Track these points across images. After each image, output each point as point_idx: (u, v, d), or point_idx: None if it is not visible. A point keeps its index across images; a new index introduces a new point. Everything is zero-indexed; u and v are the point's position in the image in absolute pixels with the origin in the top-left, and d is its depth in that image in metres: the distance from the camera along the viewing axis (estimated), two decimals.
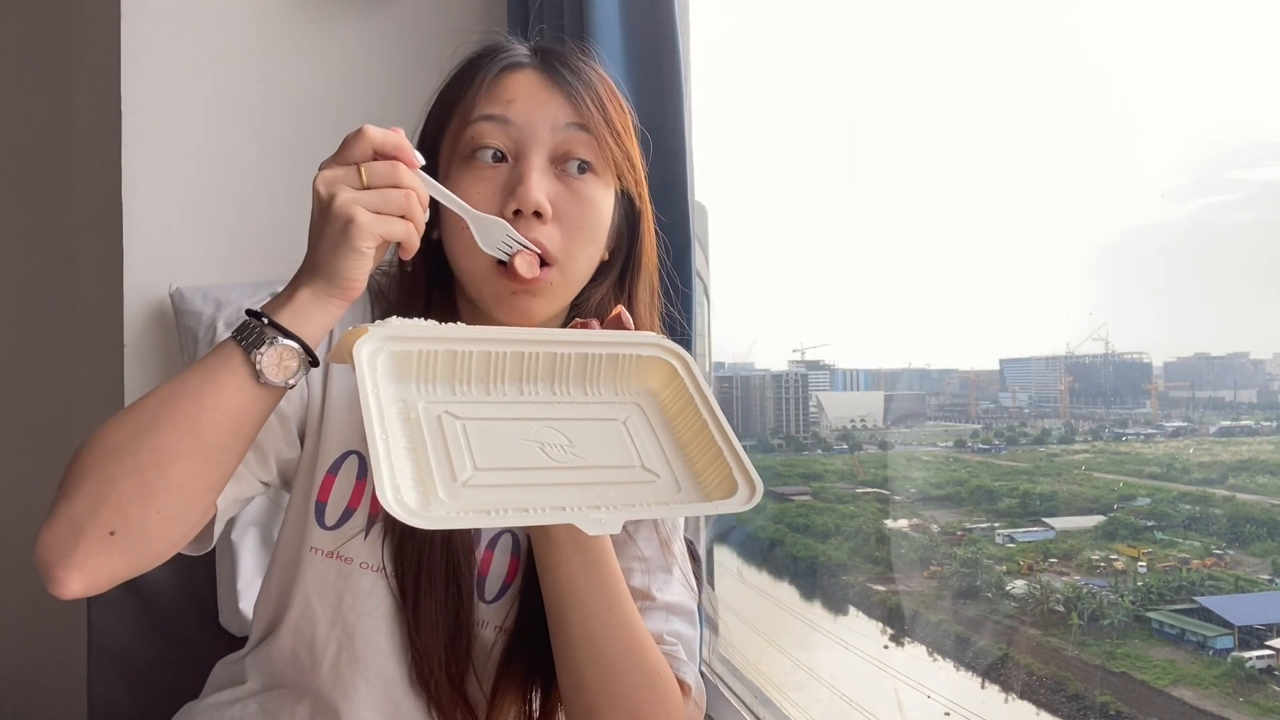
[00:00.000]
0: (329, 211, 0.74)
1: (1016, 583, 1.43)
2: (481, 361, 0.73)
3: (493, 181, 0.89)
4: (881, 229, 1.66)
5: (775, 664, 1.74)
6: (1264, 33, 1.08)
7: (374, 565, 0.92)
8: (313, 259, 0.76)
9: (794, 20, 1.77)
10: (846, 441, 1.86)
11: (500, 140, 0.90)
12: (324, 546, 0.92)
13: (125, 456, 0.72)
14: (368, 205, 0.74)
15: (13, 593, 2.15)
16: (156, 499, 0.73)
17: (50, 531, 0.72)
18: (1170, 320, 1.29)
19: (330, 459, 0.93)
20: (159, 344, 1.74)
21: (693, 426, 0.77)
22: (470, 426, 0.69)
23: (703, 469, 0.74)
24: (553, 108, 0.91)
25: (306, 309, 0.75)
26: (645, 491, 0.72)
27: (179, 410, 0.74)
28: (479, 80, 0.92)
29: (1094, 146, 1.32)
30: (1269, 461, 1.20)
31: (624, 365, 0.79)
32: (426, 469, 0.64)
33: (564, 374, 0.77)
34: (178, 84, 1.75)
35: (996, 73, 1.43)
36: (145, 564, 0.76)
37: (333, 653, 0.94)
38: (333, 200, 0.74)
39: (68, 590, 0.71)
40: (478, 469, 0.66)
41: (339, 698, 0.94)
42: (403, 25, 1.86)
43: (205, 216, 1.75)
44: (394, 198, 0.75)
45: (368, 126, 0.76)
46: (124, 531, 0.72)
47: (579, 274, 0.94)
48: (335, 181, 0.75)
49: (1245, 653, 1.14)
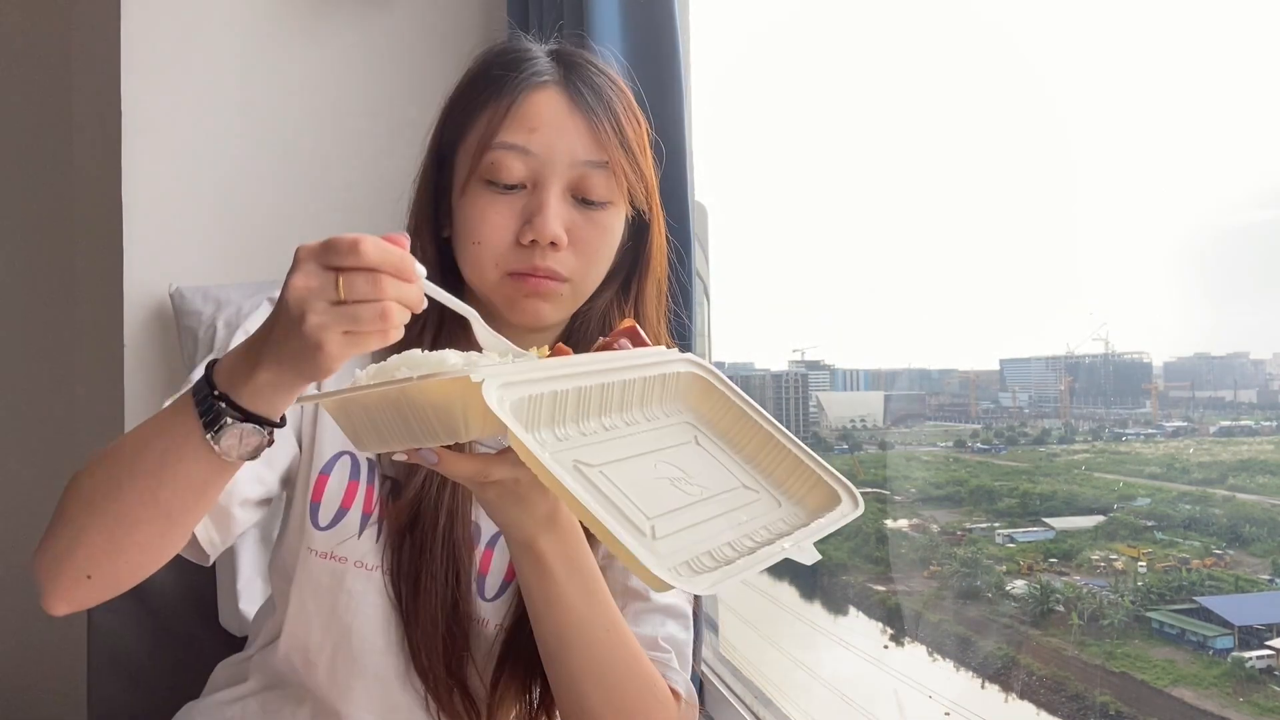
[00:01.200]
0: (298, 330, 0.64)
1: (1016, 583, 1.43)
2: (575, 399, 0.69)
3: (510, 209, 0.90)
4: (882, 229, 1.66)
5: (775, 664, 1.74)
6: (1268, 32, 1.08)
7: (369, 564, 0.92)
8: (277, 351, 0.67)
9: (794, 19, 1.77)
10: (846, 441, 1.86)
11: (520, 171, 0.90)
12: (318, 547, 0.93)
13: (95, 513, 0.74)
14: (340, 326, 0.64)
15: (13, 593, 2.15)
16: (125, 555, 0.76)
17: (40, 558, 0.76)
18: (1170, 320, 1.29)
19: (323, 460, 0.93)
20: (159, 344, 1.74)
21: (754, 439, 0.77)
22: (608, 472, 0.66)
23: (782, 479, 0.75)
24: (573, 137, 0.91)
25: (268, 392, 0.69)
26: (761, 511, 0.71)
27: (140, 480, 0.73)
28: (503, 101, 0.91)
29: (1094, 147, 1.32)
30: (1269, 461, 1.20)
31: (668, 384, 0.78)
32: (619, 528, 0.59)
33: (628, 401, 0.74)
34: (178, 84, 1.75)
35: (996, 73, 1.43)
36: (121, 591, 0.79)
37: (328, 654, 0.94)
38: (303, 319, 0.64)
39: (55, 611, 0.76)
40: (649, 518, 0.63)
41: (337, 698, 0.94)
42: (403, 25, 1.86)
43: (205, 216, 1.75)
44: (369, 316, 0.64)
45: (365, 241, 0.64)
46: (97, 576, 0.75)
47: (588, 289, 0.96)
48: (308, 297, 0.64)
49: (1245, 653, 1.14)
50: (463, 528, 0.93)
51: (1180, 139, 1.22)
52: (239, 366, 0.70)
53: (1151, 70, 1.22)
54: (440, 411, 0.64)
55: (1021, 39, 1.40)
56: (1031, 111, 1.40)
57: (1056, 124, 1.36)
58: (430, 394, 0.64)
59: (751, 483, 0.74)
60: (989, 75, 1.44)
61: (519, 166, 0.90)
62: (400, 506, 0.92)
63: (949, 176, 1.54)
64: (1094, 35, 1.31)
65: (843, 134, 1.71)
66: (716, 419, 0.78)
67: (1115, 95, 1.29)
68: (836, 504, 0.72)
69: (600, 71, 0.97)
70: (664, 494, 0.67)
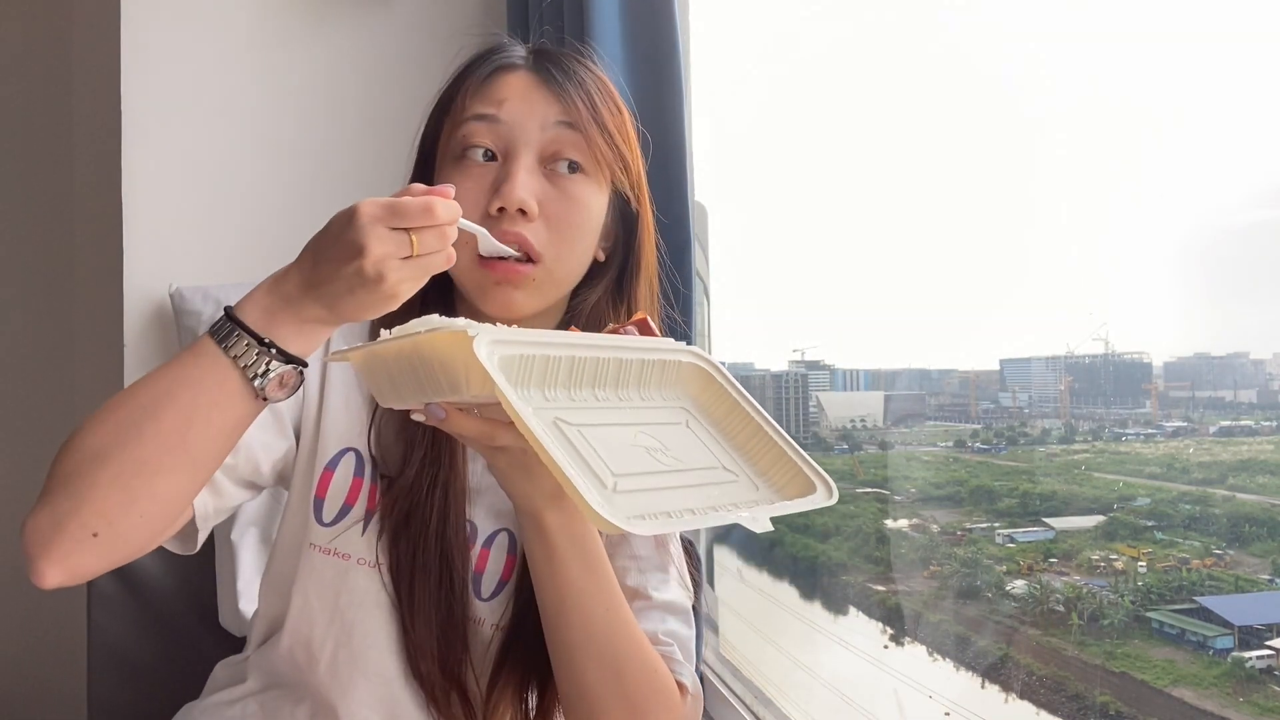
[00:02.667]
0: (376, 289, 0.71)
1: (1016, 583, 1.43)
2: (567, 367, 0.72)
3: (481, 180, 0.90)
4: (882, 228, 1.66)
5: (775, 664, 1.74)
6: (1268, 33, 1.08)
7: (371, 560, 0.92)
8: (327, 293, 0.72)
9: (794, 19, 1.77)
10: (846, 441, 1.86)
11: (489, 139, 0.91)
12: (322, 543, 0.93)
13: (110, 462, 0.72)
14: (416, 279, 0.72)
15: (13, 593, 2.15)
16: (139, 505, 0.74)
17: (34, 523, 0.73)
18: (1170, 320, 1.29)
19: (329, 455, 0.93)
20: (159, 344, 1.74)
21: (745, 429, 0.79)
22: (585, 432, 0.69)
23: (767, 468, 0.77)
24: (542, 106, 0.91)
25: (311, 332, 0.74)
26: (735, 491, 0.73)
27: (166, 423, 0.73)
28: (472, 81, 0.93)
29: (1094, 147, 1.32)
30: (1269, 461, 1.20)
31: (669, 371, 0.80)
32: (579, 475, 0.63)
33: (625, 379, 0.77)
34: (178, 84, 1.75)
35: (996, 73, 1.43)
36: (122, 560, 0.77)
37: (330, 650, 0.94)
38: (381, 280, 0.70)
39: (46, 581, 0.73)
40: (615, 474, 0.66)
41: (337, 696, 0.94)
42: (403, 25, 1.86)
43: (205, 216, 1.75)
44: (438, 263, 0.73)
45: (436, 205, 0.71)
46: (106, 534, 0.73)
47: (566, 272, 0.94)
48: (385, 259, 0.70)
49: (1245, 653, 1.14)
50: (455, 527, 0.93)
51: (1180, 139, 1.22)
52: (279, 311, 0.74)
53: (1151, 70, 1.22)
54: (444, 365, 0.67)
55: (1021, 39, 1.40)
56: (1031, 111, 1.40)
57: (1056, 124, 1.36)
58: (437, 347, 0.67)
59: (733, 466, 0.76)
60: (989, 75, 1.44)
61: (488, 135, 0.91)
62: (390, 503, 0.91)
63: (949, 176, 1.54)
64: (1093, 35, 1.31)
65: (843, 134, 1.71)
66: (711, 408, 0.81)
67: (1115, 95, 1.29)
68: (811, 493, 0.75)
69: (576, 59, 0.97)
70: (637, 458, 0.70)
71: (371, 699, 0.94)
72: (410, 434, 0.93)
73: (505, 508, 0.98)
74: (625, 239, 1.00)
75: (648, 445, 0.72)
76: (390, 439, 0.95)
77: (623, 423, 0.74)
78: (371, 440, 0.94)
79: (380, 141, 1.77)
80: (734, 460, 0.77)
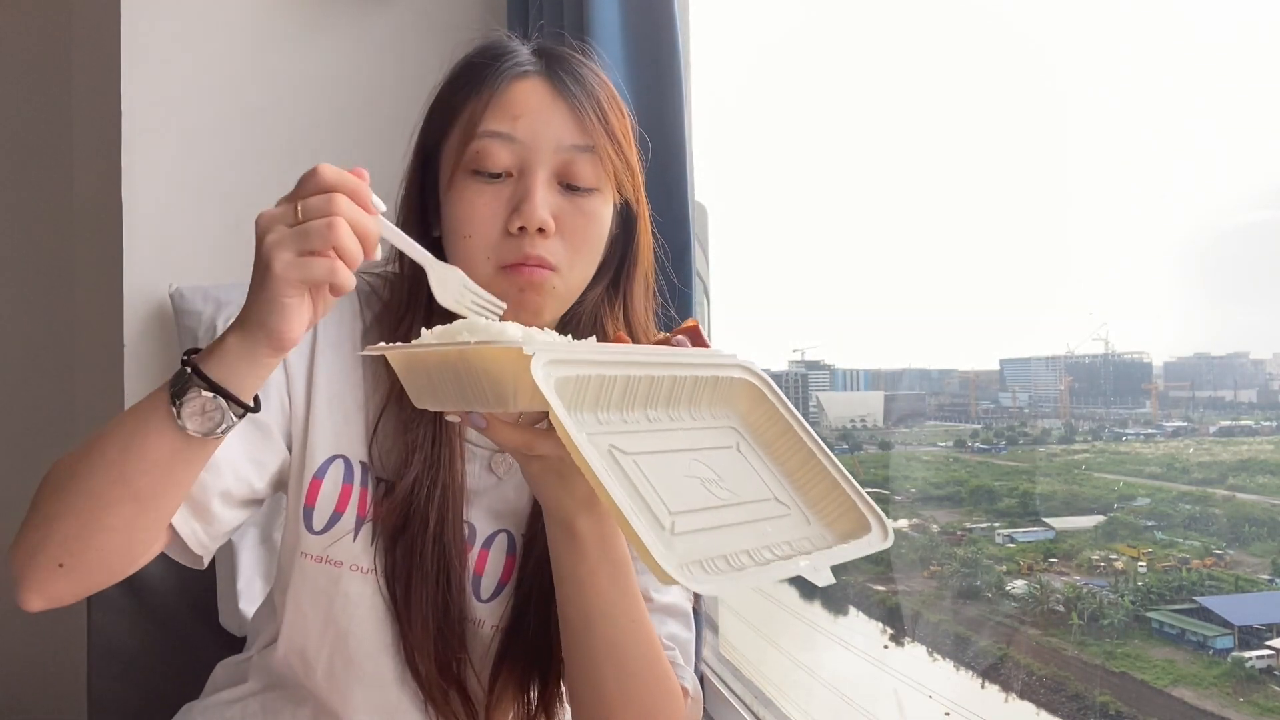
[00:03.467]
0: (258, 255, 0.69)
1: (1016, 583, 1.43)
2: (622, 387, 0.70)
3: (497, 198, 0.89)
4: (882, 228, 1.66)
5: (775, 664, 1.74)
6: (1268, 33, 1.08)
7: (364, 567, 0.92)
8: (245, 306, 0.72)
9: (793, 19, 1.77)
10: (847, 441, 1.86)
11: (506, 159, 0.89)
12: (313, 551, 0.92)
13: (67, 495, 0.74)
14: (291, 246, 0.68)
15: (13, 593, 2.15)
16: (95, 539, 0.75)
17: (14, 553, 0.76)
18: (1170, 320, 1.29)
19: (316, 464, 0.92)
20: (159, 344, 1.74)
21: (797, 455, 0.77)
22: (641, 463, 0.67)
23: (816, 499, 0.75)
24: (558, 124, 0.90)
25: (232, 360, 0.72)
26: (788, 527, 0.71)
27: (108, 456, 0.73)
28: (485, 92, 0.91)
29: (1095, 147, 1.32)
30: (1269, 461, 1.20)
31: (720, 388, 0.78)
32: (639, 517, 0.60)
33: (678, 398, 0.75)
34: (178, 84, 1.75)
35: (996, 72, 1.43)
36: (97, 586, 0.79)
37: (326, 658, 0.94)
38: (261, 242, 0.69)
39: (30, 607, 0.76)
40: (671, 513, 0.64)
41: (338, 702, 0.94)
42: (403, 24, 1.86)
43: (205, 216, 1.75)
44: (317, 230, 0.68)
45: (322, 165, 0.69)
46: (69, 564, 0.75)
47: (578, 281, 0.94)
48: (270, 221, 0.69)
49: (1245, 652, 1.14)
50: (454, 529, 0.92)
51: (1180, 139, 1.22)
52: (212, 345, 0.74)
53: (1151, 70, 1.22)
54: (493, 379, 0.65)
55: (1021, 38, 1.40)
56: (1031, 111, 1.40)
57: (1056, 124, 1.36)
58: (486, 360, 0.65)
59: (785, 497, 0.74)
60: (989, 75, 1.44)
61: (504, 154, 0.89)
62: (390, 508, 0.91)
63: (948, 176, 1.54)
64: (1093, 35, 1.31)
65: (843, 134, 1.71)
66: (763, 429, 0.78)
67: (1114, 95, 1.29)
68: (866, 532, 0.72)
69: (582, 62, 0.96)
70: (692, 492, 0.67)
71: (370, 704, 0.94)
72: (411, 437, 0.92)
73: (504, 509, 0.98)
74: (624, 238, 1.00)
75: (703, 476, 0.70)
76: (389, 443, 0.94)
77: (676, 448, 0.71)
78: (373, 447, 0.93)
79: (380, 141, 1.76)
80: (785, 490, 0.74)
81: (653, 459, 0.67)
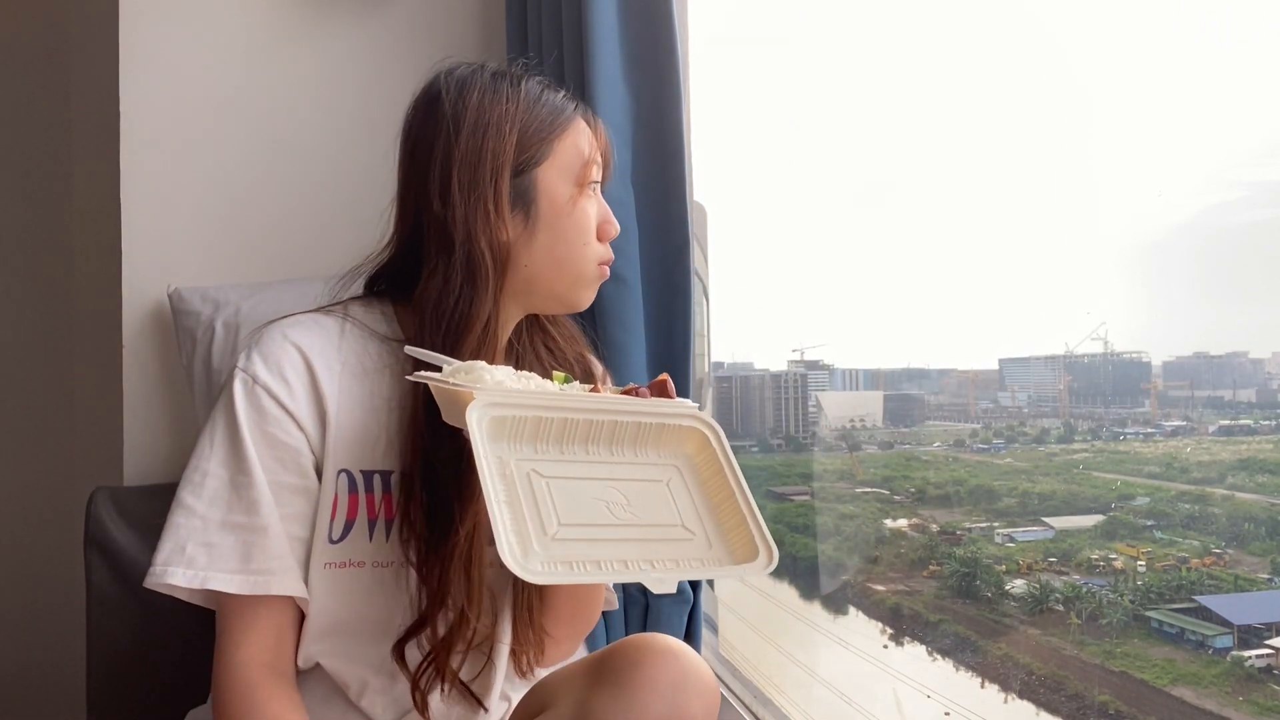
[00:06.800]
0: None
1: (1016, 582, 1.43)
2: (559, 426, 0.84)
3: (601, 206, 1.05)
4: (881, 228, 1.66)
5: (775, 664, 1.74)
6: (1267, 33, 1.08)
7: (384, 562, 0.96)
8: None
9: (793, 19, 1.77)
10: (846, 441, 1.86)
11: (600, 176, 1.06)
12: (335, 560, 0.96)
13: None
14: None
15: (13, 593, 2.15)
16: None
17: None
18: (1169, 320, 1.29)
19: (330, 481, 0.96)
20: (158, 344, 1.74)
21: (721, 491, 0.87)
22: (553, 485, 0.80)
23: (729, 530, 0.85)
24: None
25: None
26: (686, 548, 0.82)
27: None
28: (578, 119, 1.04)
29: (1094, 147, 1.32)
30: (1268, 460, 1.20)
31: (668, 433, 0.90)
32: (522, 522, 0.75)
33: (621, 438, 0.88)
34: (177, 84, 1.75)
35: (995, 72, 1.43)
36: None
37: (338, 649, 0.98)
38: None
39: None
40: (561, 524, 0.77)
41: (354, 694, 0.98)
42: (402, 26, 1.86)
43: (204, 216, 1.75)
44: None
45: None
46: None
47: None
48: None
49: (1244, 651, 1.14)
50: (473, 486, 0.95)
51: (1180, 138, 1.22)
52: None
53: (1151, 69, 1.23)
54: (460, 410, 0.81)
55: (1021, 38, 1.40)
56: (1031, 111, 1.40)
57: (1056, 124, 1.36)
58: (461, 398, 0.81)
59: (694, 526, 0.84)
60: (989, 75, 1.44)
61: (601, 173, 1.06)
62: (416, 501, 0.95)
63: (948, 176, 1.54)
64: (1092, 34, 1.31)
65: (842, 134, 1.71)
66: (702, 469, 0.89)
67: (1114, 95, 1.29)
68: (753, 559, 0.82)
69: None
70: (592, 511, 0.80)
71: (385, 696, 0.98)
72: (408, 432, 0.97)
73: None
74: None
75: (610, 500, 0.82)
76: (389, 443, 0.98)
77: (598, 477, 0.84)
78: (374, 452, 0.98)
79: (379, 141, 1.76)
80: (699, 521, 0.85)
81: (567, 483, 0.81)
